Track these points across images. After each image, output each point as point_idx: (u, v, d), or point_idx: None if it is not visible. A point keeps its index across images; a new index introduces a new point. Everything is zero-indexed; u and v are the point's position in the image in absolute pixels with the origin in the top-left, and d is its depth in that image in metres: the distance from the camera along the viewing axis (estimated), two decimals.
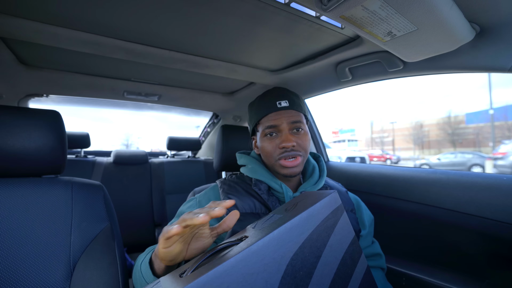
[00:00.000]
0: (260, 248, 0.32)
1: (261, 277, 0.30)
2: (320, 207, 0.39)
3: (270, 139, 0.67)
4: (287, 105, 0.67)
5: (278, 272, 0.32)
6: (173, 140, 2.03)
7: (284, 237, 0.34)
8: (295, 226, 0.35)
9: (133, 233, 1.64)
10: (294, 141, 0.65)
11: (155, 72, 1.24)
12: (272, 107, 0.68)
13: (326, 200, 0.40)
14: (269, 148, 0.67)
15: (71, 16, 0.75)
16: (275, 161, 0.67)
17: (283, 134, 0.66)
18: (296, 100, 0.70)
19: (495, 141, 18.09)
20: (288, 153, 0.65)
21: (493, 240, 0.75)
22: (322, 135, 1.53)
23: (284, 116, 0.67)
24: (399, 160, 20.48)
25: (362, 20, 0.56)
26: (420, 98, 62.59)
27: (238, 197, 0.66)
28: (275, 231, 0.33)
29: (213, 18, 0.76)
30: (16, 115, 0.63)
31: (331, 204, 0.41)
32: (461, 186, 0.83)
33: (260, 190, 0.67)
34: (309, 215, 0.37)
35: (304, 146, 0.67)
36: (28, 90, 1.36)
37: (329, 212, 0.40)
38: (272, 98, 0.69)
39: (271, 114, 0.68)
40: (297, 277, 0.33)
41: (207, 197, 0.70)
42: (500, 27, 0.62)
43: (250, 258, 0.30)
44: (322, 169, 0.74)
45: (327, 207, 0.40)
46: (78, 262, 0.60)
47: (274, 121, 0.67)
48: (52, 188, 0.65)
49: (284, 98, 0.68)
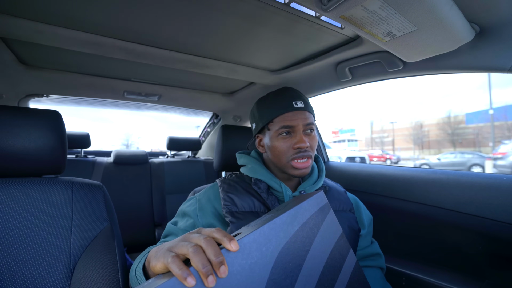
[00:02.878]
0: (250, 241, 0.34)
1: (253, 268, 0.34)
2: (307, 205, 0.42)
3: (284, 139, 0.67)
4: (303, 106, 0.67)
5: (268, 263, 0.35)
6: (173, 140, 2.03)
7: (272, 232, 0.36)
8: (283, 222, 0.38)
9: (133, 233, 1.64)
10: (308, 142, 0.65)
11: (155, 72, 1.24)
12: (289, 106, 0.67)
13: (312, 198, 0.43)
14: (283, 148, 0.66)
15: (71, 16, 0.75)
16: (287, 161, 0.66)
17: (298, 135, 0.66)
18: (308, 101, 0.71)
19: (495, 141, 18.10)
20: (302, 153, 0.65)
21: (493, 240, 0.76)
22: (322, 135, 1.53)
23: (300, 117, 0.66)
24: (399, 160, 20.47)
25: (362, 20, 0.56)
26: (418, 98, 62.71)
27: (237, 196, 0.66)
28: (264, 226, 0.36)
29: (213, 18, 0.76)
30: (16, 115, 0.63)
31: (317, 203, 0.44)
32: (461, 186, 0.83)
33: (260, 189, 0.67)
34: (296, 212, 0.40)
35: (314, 148, 0.68)
36: (28, 90, 1.36)
37: (316, 210, 0.43)
38: (288, 97, 0.68)
39: (287, 113, 0.67)
40: (287, 268, 0.36)
41: (206, 196, 0.70)
42: (500, 27, 0.62)
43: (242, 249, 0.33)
44: (321, 169, 0.75)
45: (313, 205, 0.43)
46: (78, 262, 0.60)
47: (290, 121, 0.66)
48: (52, 188, 0.65)
49: (300, 99, 0.69)
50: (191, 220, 0.66)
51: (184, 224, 0.66)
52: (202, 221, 0.65)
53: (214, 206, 0.67)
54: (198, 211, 0.66)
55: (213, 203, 0.67)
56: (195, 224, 0.65)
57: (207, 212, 0.66)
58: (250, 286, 0.33)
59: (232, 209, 0.64)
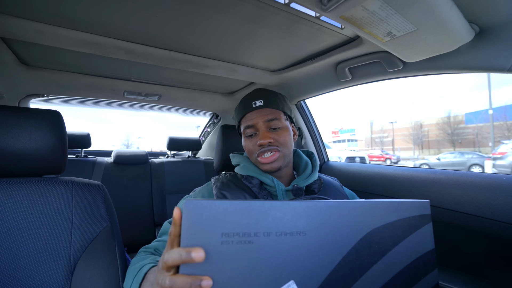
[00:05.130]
0: (351, 205, 0.36)
1: (344, 230, 0.35)
2: (409, 205, 0.42)
3: (250, 138, 0.71)
4: (262, 104, 0.70)
5: (359, 234, 0.36)
6: (174, 140, 2.03)
7: (371, 210, 0.37)
8: (382, 207, 0.39)
9: (133, 233, 1.64)
10: (272, 138, 0.67)
11: (155, 72, 1.24)
12: (248, 107, 0.71)
13: (416, 202, 0.43)
14: (249, 147, 0.71)
15: (71, 16, 0.75)
16: (255, 159, 0.70)
17: (260, 132, 0.69)
18: (272, 98, 0.72)
19: (495, 141, 18.10)
20: (265, 148, 0.67)
21: (493, 240, 0.76)
22: (322, 135, 1.53)
23: (259, 115, 0.69)
24: (398, 160, 20.48)
25: (362, 20, 0.56)
26: (415, 99, 62.73)
27: (230, 192, 0.68)
28: (366, 201, 0.37)
29: (213, 18, 0.76)
30: (17, 115, 0.63)
31: (420, 209, 0.43)
32: (461, 186, 0.83)
33: (251, 183, 0.69)
34: (398, 206, 0.40)
35: (282, 141, 0.69)
36: (29, 90, 1.36)
37: (416, 214, 0.42)
38: (249, 99, 0.72)
39: (247, 114, 0.71)
40: (372, 248, 0.37)
41: (201, 194, 0.72)
42: (500, 27, 0.62)
43: (341, 211, 0.35)
44: (314, 164, 0.77)
45: (415, 209, 0.42)
46: (78, 262, 0.61)
47: (251, 121, 0.70)
48: (53, 188, 0.65)
49: (259, 98, 0.71)
50: None
51: None
52: None
53: None
54: None
55: None
56: None
57: None
58: (334, 246, 0.34)
59: None
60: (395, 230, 0.39)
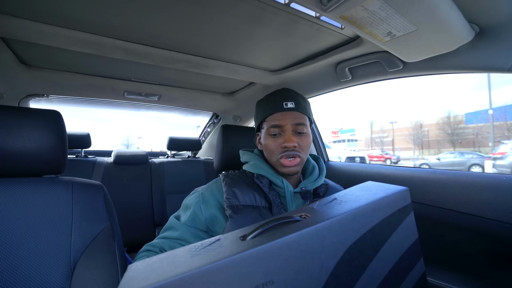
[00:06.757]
0: (321, 230, 0.31)
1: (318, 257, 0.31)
2: (389, 201, 0.38)
3: (274, 138, 0.70)
4: (293, 107, 0.69)
5: (334, 256, 0.32)
6: (174, 140, 2.03)
7: (346, 223, 0.33)
8: (359, 215, 0.34)
9: (133, 233, 1.64)
10: (296, 142, 0.67)
11: (155, 72, 1.24)
12: (279, 107, 0.70)
13: (397, 196, 0.39)
14: (272, 147, 0.70)
15: (71, 16, 0.75)
16: (276, 159, 0.69)
17: (286, 135, 0.68)
18: (302, 102, 0.72)
19: (495, 141, 18.10)
20: (289, 152, 0.67)
21: (493, 240, 0.76)
22: (322, 135, 1.53)
23: (289, 117, 0.69)
24: (398, 160, 20.49)
25: (362, 20, 0.56)
26: (414, 99, 62.79)
27: (239, 190, 0.68)
28: (339, 216, 0.32)
29: (213, 18, 0.76)
30: (17, 115, 0.63)
31: (401, 201, 0.39)
32: (461, 186, 0.83)
33: (262, 183, 0.69)
34: (376, 207, 0.36)
35: (304, 147, 0.69)
36: (29, 90, 1.36)
37: (397, 209, 0.38)
38: (279, 98, 0.71)
39: (277, 113, 0.70)
40: (351, 266, 0.33)
41: (210, 190, 0.72)
42: (500, 27, 0.62)
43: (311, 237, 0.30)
44: (321, 168, 0.77)
45: (396, 203, 0.38)
46: (78, 262, 0.61)
47: (279, 121, 0.69)
48: (53, 188, 0.65)
49: (291, 100, 0.70)
50: (192, 211, 0.68)
51: (185, 218, 0.69)
52: (205, 213, 0.67)
53: (217, 199, 0.69)
54: (202, 204, 0.69)
55: (216, 196, 0.69)
56: (194, 217, 0.68)
57: (211, 204, 0.68)
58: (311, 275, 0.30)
59: (233, 203, 0.65)
60: (375, 236, 0.35)
